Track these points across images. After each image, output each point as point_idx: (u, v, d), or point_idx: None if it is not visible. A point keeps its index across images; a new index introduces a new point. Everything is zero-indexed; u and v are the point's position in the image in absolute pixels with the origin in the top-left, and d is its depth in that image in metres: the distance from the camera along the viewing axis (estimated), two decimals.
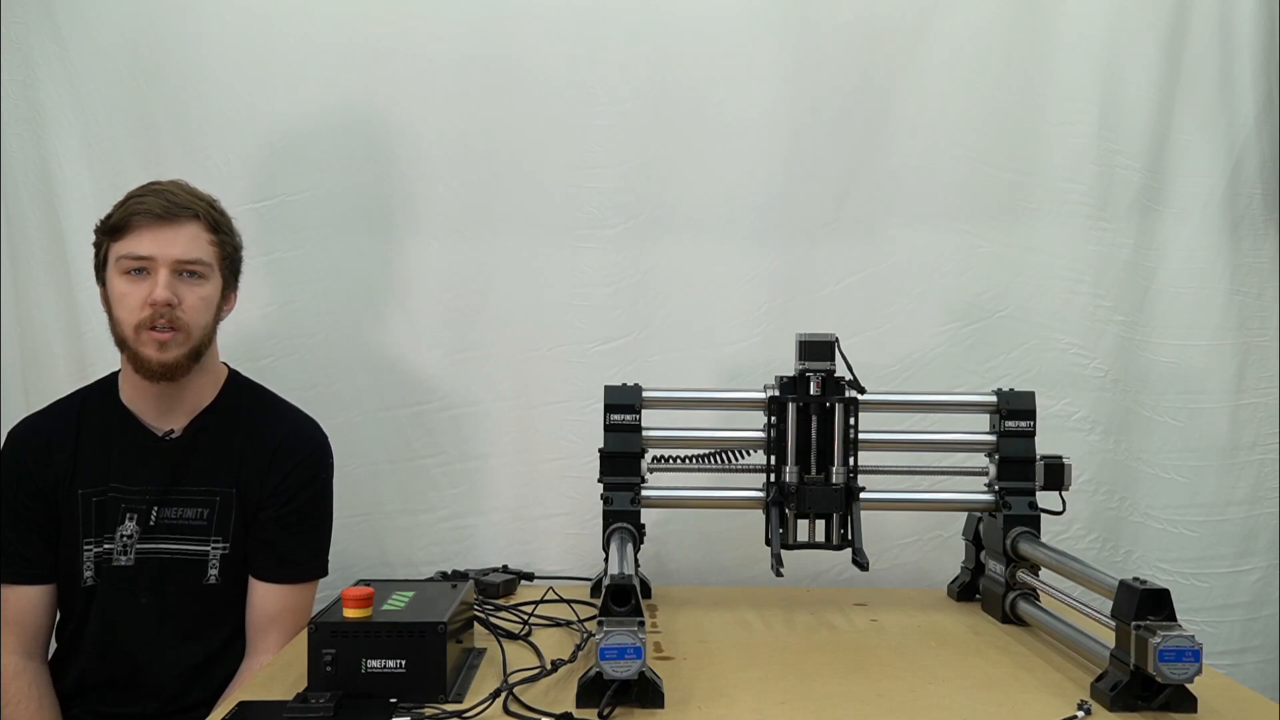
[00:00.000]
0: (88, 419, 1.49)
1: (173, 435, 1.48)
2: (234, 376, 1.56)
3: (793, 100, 1.83)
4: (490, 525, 1.85)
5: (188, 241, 1.41)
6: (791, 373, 1.54)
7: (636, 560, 1.42)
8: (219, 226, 1.46)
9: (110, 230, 1.42)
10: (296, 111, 1.81)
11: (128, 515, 1.45)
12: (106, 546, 1.44)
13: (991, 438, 1.57)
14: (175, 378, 1.43)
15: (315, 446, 1.55)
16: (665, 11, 1.83)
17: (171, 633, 1.45)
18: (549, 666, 1.24)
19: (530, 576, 1.73)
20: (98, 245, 1.45)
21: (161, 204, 1.40)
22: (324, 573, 1.55)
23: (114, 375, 1.53)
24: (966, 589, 1.64)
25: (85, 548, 1.45)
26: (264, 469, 1.49)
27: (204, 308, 1.44)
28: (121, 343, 1.43)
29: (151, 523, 1.45)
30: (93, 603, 1.45)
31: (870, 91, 1.84)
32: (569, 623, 1.45)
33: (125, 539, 1.44)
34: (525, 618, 1.46)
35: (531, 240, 1.84)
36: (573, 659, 1.26)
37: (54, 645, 1.52)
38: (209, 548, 1.46)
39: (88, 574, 1.45)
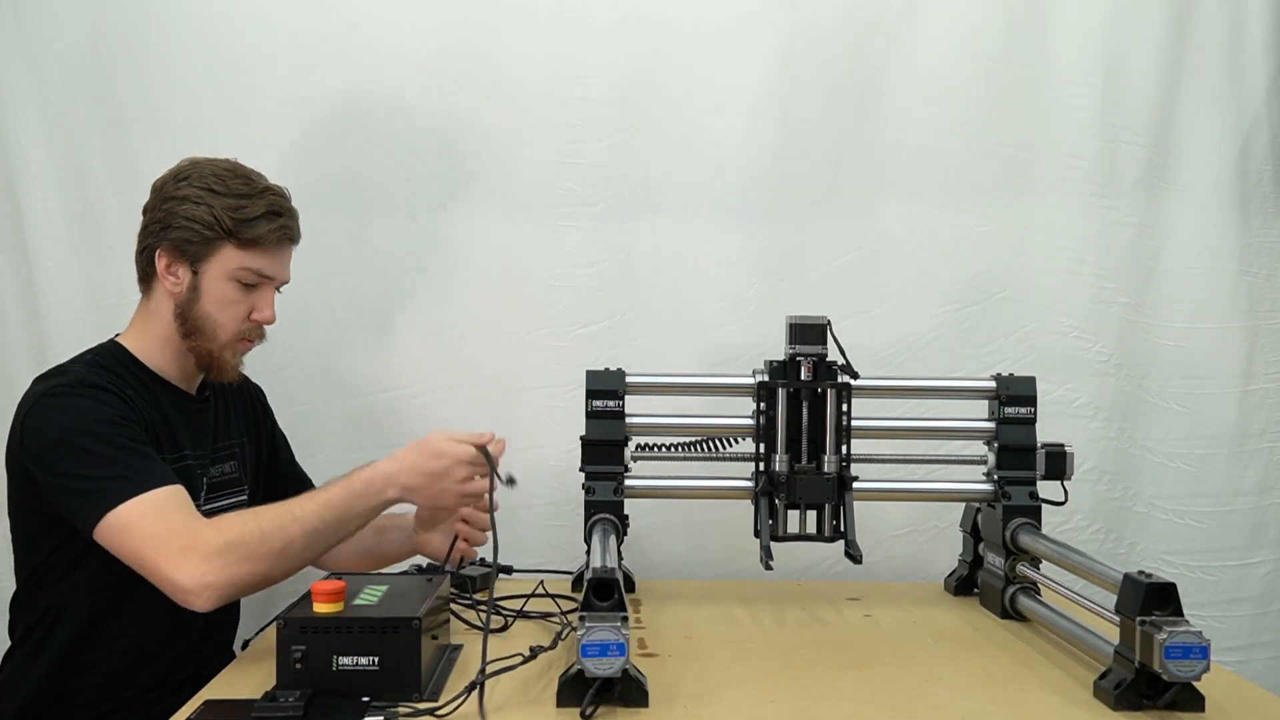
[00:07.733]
0: (125, 385, 1.37)
1: (207, 395, 1.50)
2: None
3: (783, 72, 1.82)
4: None
5: (289, 265, 1.48)
6: (781, 357, 1.52)
7: (620, 553, 1.40)
8: None
9: (240, 237, 1.37)
10: (262, 85, 1.79)
11: (202, 479, 1.45)
12: None
13: (990, 425, 1.56)
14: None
15: None
16: None
17: None
18: (528, 653, 1.20)
19: (509, 570, 1.69)
20: (204, 237, 1.36)
21: (296, 230, 1.46)
22: None
23: (112, 346, 1.43)
24: (964, 583, 1.63)
25: None
26: (261, 414, 1.62)
27: None
28: (203, 339, 1.39)
29: (209, 483, 1.47)
30: None
31: (864, 62, 1.82)
32: (548, 615, 1.43)
33: (201, 507, 1.37)
34: (504, 612, 1.43)
35: (510, 218, 1.82)
36: (553, 646, 1.23)
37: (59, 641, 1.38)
38: (243, 499, 1.51)
39: None
